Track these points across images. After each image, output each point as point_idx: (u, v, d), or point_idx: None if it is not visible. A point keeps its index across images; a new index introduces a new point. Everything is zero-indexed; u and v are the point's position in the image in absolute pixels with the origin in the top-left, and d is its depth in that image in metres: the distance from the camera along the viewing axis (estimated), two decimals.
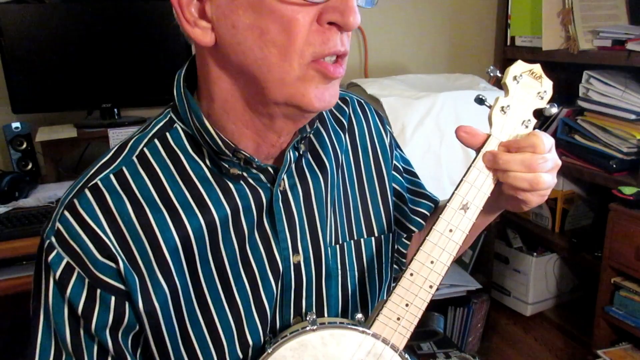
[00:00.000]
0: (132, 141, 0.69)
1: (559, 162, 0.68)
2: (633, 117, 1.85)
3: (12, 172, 1.65)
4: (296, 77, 0.59)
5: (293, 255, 0.71)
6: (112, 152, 0.68)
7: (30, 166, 1.75)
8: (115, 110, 1.85)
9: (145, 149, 0.68)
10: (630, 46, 1.81)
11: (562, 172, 2.15)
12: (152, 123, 0.71)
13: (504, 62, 2.39)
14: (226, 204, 0.68)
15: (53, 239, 0.63)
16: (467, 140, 0.68)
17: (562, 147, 2.08)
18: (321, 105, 0.62)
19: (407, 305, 0.67)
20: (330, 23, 0.58)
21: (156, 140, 0.68)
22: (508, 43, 2.36)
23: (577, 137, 2.05)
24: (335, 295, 0.76)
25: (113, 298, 0.64)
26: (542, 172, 0.65)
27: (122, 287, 0.64)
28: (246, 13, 0.57)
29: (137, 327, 0.67)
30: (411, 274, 0.67)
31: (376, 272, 0.80)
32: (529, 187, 0.65)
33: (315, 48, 0.58)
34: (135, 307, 0.64)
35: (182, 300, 0.66)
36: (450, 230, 0.67)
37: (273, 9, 0.56)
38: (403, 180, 0.87)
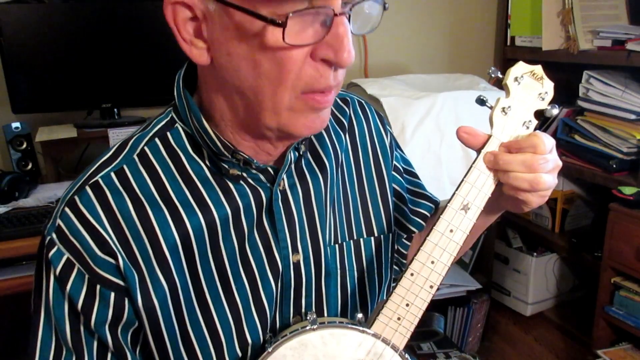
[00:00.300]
0: (133, 140, 0.69)
1: (560, 163, 0.68)
2: (633, 117, 1.85)
3: (12, 172, 1.65)
4: (287, 108, 0.60)
5: (292, 254, 0.71)
6: (113, 150, 0.69)
7: (30, 166, 1.75)
8: (115, 110, 1.85)
9: (146, 148, 0.68)
10: (630, 46, 1.81)
11: (562, 172, 2.14)
12: (153, 122, 0.71)
13: (504, 62, 2.39)
14: (226, 204, 0.68)
15: (54, 235, 0.64)
16: (468, 140, 0.68)
17: (562, 147, 2.08)
18: (311, 132, 0.64)
19: (407, 305, 0.67)
20: (323, 60, 0.58)
21: (157, 140, 0.69)
22: (508, 43, 2.36)
23: (577, 137, 2.05)
24: (335, 295, 0.76)
25: (112, 294, 0.64)
26: (543, 172, 0.65)
27: (121, 283, 0.64)
28: (240, 44, 0.57)
29: (137, 323, 0.67)
30: (412, 274, 0.67)
31: (376, 272, 0.81)
32: (530, 188, 0.65)
33: (307, 82, 0.59)
34: (135, 303, 0.65)
35: (182, 298, 0.67)
36: (451, 231, 0.67)
37: (265, 46, 0.56)
38: (403, 181, 0.87)
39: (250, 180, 0.69)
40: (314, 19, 0.56)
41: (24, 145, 1.74)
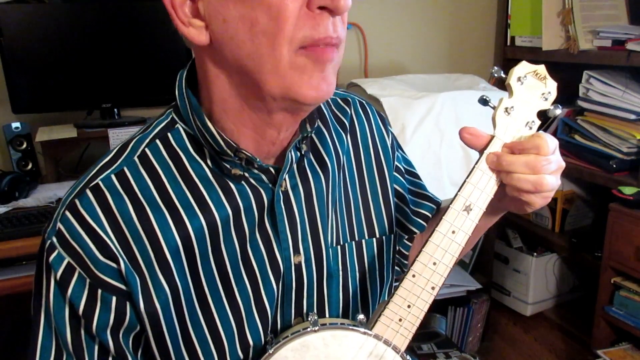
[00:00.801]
0: (133, 141, 0.69)
1: (563, 164, 0.68)
2: (633, 117, 1.85)
3: (12, 172, 1.65)
4: (288, 66, 0.58)
5: (294, 255, 0.71)
6: (114, 152, 0.68)
7: (30, 166, 1.75)
8: (115, 110, 1.85)
9: (146, 149, 0.68)
10: (630, 46, 1.81)
11: (562, 172, 2.14)
12: (154, 123, 0.71)
13: (504, 62, 2.39)
14: (227, 204, 0.68)
15: (54, 239, 0.63)
16: (471, 141, 0.68)
17: (562, 147, 2.07)
18: (318, 96, 0.61)
19: (409, 306, 0.67)
20: (320, 8, 0.57)
21: (158, 141, 0.68)
22: (508, 43, 2.35)
23: (577, 137, 2.05)
24: (336, 296, 0.75)
25: (114, 298, 0.64)
26: (546, 173, 0.65)
27: (123, 287, 0.64)
28: (236, 6, 0.57)
29: (138, 327, 0.67)
30: (413, 275, 0.67)
31: (377, 273, 0.80)
32: (533, 189, 0.65)
33: (305, 32, 0.57)
34: (137, 307, 0.64)
35: (183, 300, 0.66)
36: (453, 232, 0.67)
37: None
38: (404, 181, 0.87)
39: (252, 180, 0.69)
40: None
41: (24, 145, 1.74)
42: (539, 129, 0.70)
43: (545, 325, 2.33)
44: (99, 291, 0.63)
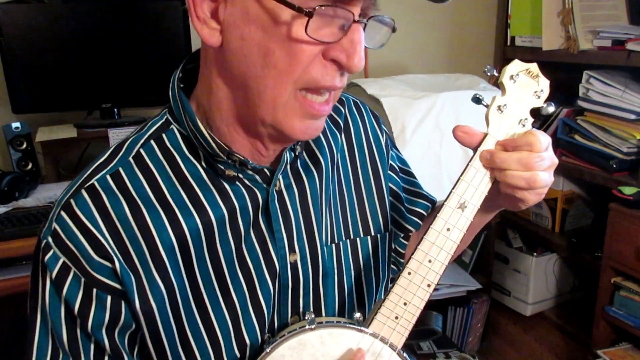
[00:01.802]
0: (128, 142, 0.69)
1: (556, 161, 0.68)
2: (633, 117, 1.85)
3: (12, 172, 1.65)
4: (284, 104, 0.60)
5: (289, 254, 0.72)
6: (109, 153, 0.69)
7: (30, 166, 1.75)
8: (115, 110, 1.85)
9: (141, 150, 0.68)
10: (630, 46, 1.81)
11: (562, 172, 2.15)
12: (149, 124, 0.71)
13: (504, 62, 2.38)
14: (222, 205, 0.68)
15: (49, 239, 0.63)
16: (465, 139, 0.68)
17: (562, 147, 2.08)
18: (303, 137, 0.64)
19: (405, 304, 0.67)
20: (332, 60, 0.59)
21: (152, 142, 0.69)
22: (508, 43, 2.36)
23: (577, 137, 2.05)
24: (332, 295, 0.76)
25: (109, 297, 0.64)
26: (539, 170, 0.65)
27: (118, 286, 0.64)
28: (257, 30, 0.58)
29: (134, 326, 0.67)
30: (409, 273, 0.67)
31: (373, 271, 0.80)
32: (526, 186, 0.65)
33: (311, 76, 0.59)
34: (132, 306, 0.65)
35: (179, 299, 0.66)
36: (448, 229, 0.67)
37: (284, 36, 0.57)
38: (399, 180, 0.88)
39: (246, 181, 0.69)
40: (333, 21, 0.57)
41: (24, 145, 1.74)
42: (534, 127, 0.70)
43: (545, 325, 2.33)
44: (94, 290, 0.63)
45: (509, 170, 0.65)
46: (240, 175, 0.69)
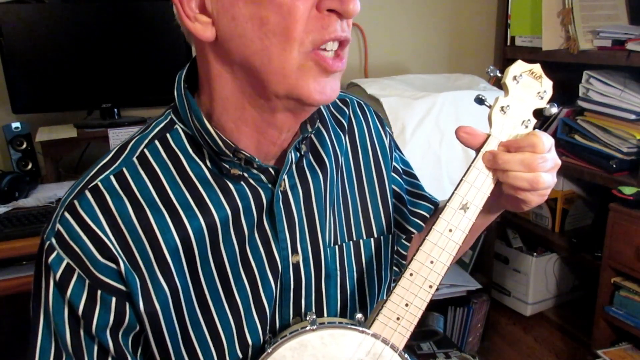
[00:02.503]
0: (132, 142, 0.69)
1: (559, 162, 0.68)
2: (633, 117, 1.85)
3: (12, 172, 1.65)
4: (296, 67, 0.59)
5: (292, 255, 0.71)
6: (112, 153, 0.68)
7: (30, 166, 1.75)
8: (115, 110, 1.85)
9: (145, 150, 0.68)
10: (630, 46, 1.81)
11: (562, 172, 2.15)
12: (153, 124, 0.71)
13: (504, 62, 2.39)
14: (226, 205, 0.68)
15: (53, 240, 0.63)
16: (467, 140, 0.68)
17: (562, 147, 2.08)
18: (322, 98, 0.62)
19: (406, 305, 0.67)
20: (329, 10, 0.58)
21: (156, 142, 0.68)
22: (508, 43, 2.35)
23: (577, 137, 2.05)
24: (334, 296, 0.76)
25: (114, 299, 0.64)
26: (542, 171, 0.65)
27: (122, 288, 0.64)
28: (246, 5, 0.57)
29: (138, 327, 0.67)
30: (411, 274, 0.67)
31: (375, 273, 0.80)
32: (529, 187, 0.65)
33: (315, 35, 0.58)
34: (136, 307, 0.65)
35: (183, 300, 0.66)
36: (450, 230, 0.67)
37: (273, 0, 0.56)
38: (402, 182, 0.87)
39: (251, 180, 0.69)
40: None
41: (24, 145, 1.74)
42: (535, 127, 0.70)
43: (545, 325, 2.33)
44: (99, 292, 0.63)
45: (511, 172, 0.65)
46: (245, 175, 0.69)
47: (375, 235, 0.80)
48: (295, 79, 0.60)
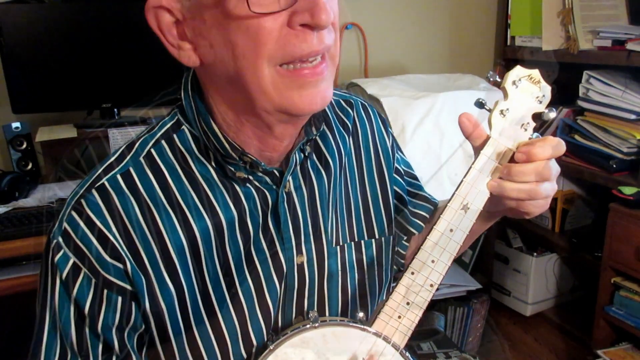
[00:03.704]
0: (139, 142, 0.69)
1: (558, 169, 0.68)
2: (633, 117, 1.85)
3: (12, 172, 1.65)
4: (272, 86, 0.59)
5: (297, 256, 0.72)
6: (119, 152, 0.69)
7: (30, 166, 1.75)
8: (115, 110, 1.85)
9: (152, 150, 0.68)
10: (630, 46, 1.81)
11: (562, 172, 2.13)
12: (159, 124, 0.71)
13: (505, 62, 2.39)
14: (233, 207, 0.68)
15: (60, 239, 0.63)
16: (466, 127, 0.68)
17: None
18: (313, 108, 0.62)
19: (408, 304, 0.67)
20: (303, 25, 0.57)
21: (163, 142, 0.69)
22: (508, 43, 2.35)
23: (577, 137, 2.05)
24: (336, 296, 0.76)
25: (120, 298, 0.64)
26: (540, 181, 0.65)
27: (129, 287, 0.64)
28: (219, 31, 0.58)
29: (143, 326, 0.67)
30: (412, 273, 0.67)
31: (376, 273, 0.81)
32: (527, 197, 0.66)
33: (286, 50, 0.58)
34: (142, 307, 0.65)
35: (188, 300, 0.67)
36: (451, 230, 0.68)
37: (239, 22, 0.56)
38: (403, 183, 0.88)
39: (256, 182, 0.70)
40: None
41: (24, 145, 1.74)
42: (537, 129, 0.71)
43: (545, 325, 2.33)
44: (105, 291, 0.64)
45: (508, 184, 0.66)
46: (251, 177, 0.69)
47: (377, 236, 0.80)
48: (278, 95, 0.60)
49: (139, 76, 1.82)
